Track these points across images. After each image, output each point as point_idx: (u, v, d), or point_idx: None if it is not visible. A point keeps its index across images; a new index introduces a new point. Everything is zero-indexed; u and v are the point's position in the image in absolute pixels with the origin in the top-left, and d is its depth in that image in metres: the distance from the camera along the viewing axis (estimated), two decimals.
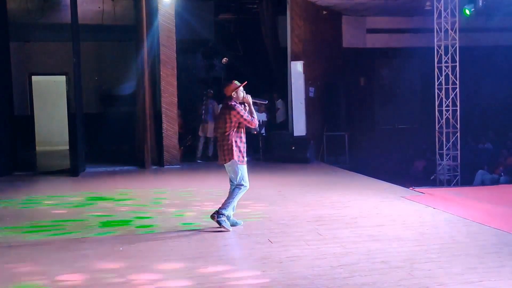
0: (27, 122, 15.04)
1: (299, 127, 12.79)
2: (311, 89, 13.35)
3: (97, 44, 14.90)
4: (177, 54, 12.02)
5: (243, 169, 5.98)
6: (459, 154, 11.49)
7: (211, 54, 15.02)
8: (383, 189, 8.52)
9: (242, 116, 5.90)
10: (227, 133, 5.92)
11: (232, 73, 14.90)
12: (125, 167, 11.78)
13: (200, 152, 13.00)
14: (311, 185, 9.11)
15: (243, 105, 6.03)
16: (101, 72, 14.99)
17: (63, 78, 15.49)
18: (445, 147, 11.44)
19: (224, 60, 14.73)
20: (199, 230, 6.04)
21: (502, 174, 11.71)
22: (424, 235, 5.67)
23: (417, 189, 8.53)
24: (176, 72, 11.95)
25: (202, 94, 13.33)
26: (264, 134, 12.83)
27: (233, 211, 6.11)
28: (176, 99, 12.00)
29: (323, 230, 5.93)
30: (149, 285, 4.33)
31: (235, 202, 6.01)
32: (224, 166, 6.06)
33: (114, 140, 13.69)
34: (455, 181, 11.39)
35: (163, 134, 11.85)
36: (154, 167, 11.84)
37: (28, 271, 4.74)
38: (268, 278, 4.42)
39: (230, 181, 6.12)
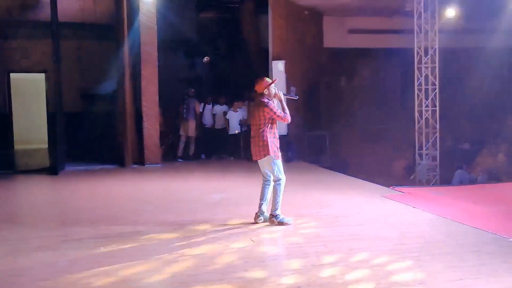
0: (6, 120, 14.78)
1: (281, 127, 12.78)
2: (293, 88, 13.38)
3: (77, 42, 14.71)
4: (158, 53, 11.95)
5: (279, 163, 6.11)
6: (438, 154, 11.66)
7: (192, 53, 14.95)
8: (364, 189, 8.60)
9: (275, 112, 6.00)
10: (261, 130, 6.03)
11: (214, 73, 14.90)
12: (106, 166, 11.68)
13: (181, 151, 12.96)
14: (293, 185, 9.04)
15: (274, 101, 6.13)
16: (81, 70, 14.79)
17: (42, 75, 15.26)
18: (425, 147, 11.59)
19: (206, 59, 14.68)
20: (184, 230, 6.02)
21: (480, 174, 11.92)
22: (405, 234, 5.73)
23: (398, 188, 8.63)
24: (157, 70, 11.88)
25: (183, 93, 13.28)
26: (244, 130, 12.85)
27: (266, 205, 6.21)
28: (157, 97, 11.93)
29: (305, 229, 5.96)
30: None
31: (281, 198, 6.12)
32: (258, 162, 6.17)
33: (94, 138, 13.51)
34: (434, 180, 11.55)
35: (144, 133, 11.77)
36: (135, 165, 11.77)
37: None
38: (250, 277, 4.43)
39: (263, 176, 6.24)
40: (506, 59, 14.51)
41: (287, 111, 6.14)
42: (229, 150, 13.25)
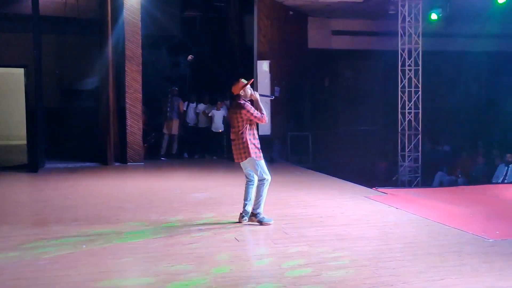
0: None
1: (264, 127, 12.79)
2: (277, 88, 13.40)
3: (59, 37, 14.48)
4: (142, 50, 11.84)
5: (262, 163, 6.09)
6: (420, 156, 11.78)
7: (176, 50, 14.86)
8: (347, 189, 8.64)
9: (252, 113, 5.98)
10: (241, 132, 6.01)
11: (198, 71, 14.82)
12: (87, 164, 11.55)
13: (164, 150, 12.88)
14: (277, 185, 9.04)
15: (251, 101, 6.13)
16: (62, 66, 14.56)
17: (21, 70, 14.99)
18: (407, 148, 11.70)
19: (190, 57, 14.60)
20: (167, 229, 5.97)
21: (460, 175, 12.08)
22: (388, 235, 5.78)
23: (380, 189, 8.69)
24: (141, 68, 11.78)
25: (166, 91, 13.19)
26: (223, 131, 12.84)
27: (251, 205, 6.18)
28: (141, 95, 11.83)
29: (290, 229, 5.96)
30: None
31: (264, 198, 6.10)
32: (240, 164, 6.16)
33: (75, 135, 13.33)
34: (415, 182, 11.66)
35: (127, 131, 11.66)
36: (117, 164, 11.65)
37: None
38: (235, 277, 4.41)
39: (246, 177, 6.24)
40: (487, 63, 14.73)
41: (263, 111, 6.11)
42: (212, 149, 13.20)
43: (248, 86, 6.12)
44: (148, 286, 4.23)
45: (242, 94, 6.07)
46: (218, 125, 12.99)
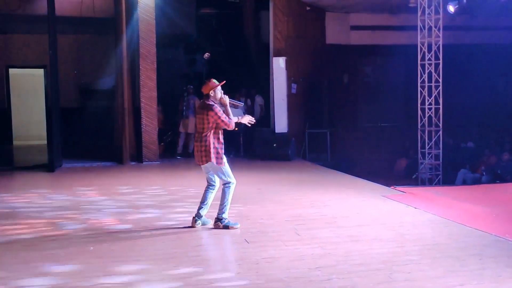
0: (4, 116, 14.66)
1: (281, 124, 12.63)
2: (294, 85, 13.21)
3: (75, 37, 14.56)
4: (158, 48, 11.76)
5: (224, 168, 5.82)
6: (441, 153, 11.43)
7: (192, 48, 14.77)
8: (364, 188, 8.41)
9: (219, 117, 5.73)
10: (204, 134, 5.76)
11: (214, 69, 14.70)
12: (103, 163, 11.53)
13: (181, 148, 12.79)
14: (291, 183, 8.97)
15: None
16: (79, 65, 14.64)
17: (41, 71, 15.11)
18: (427, 145, 11.37)
19: (206, 55, 14.47)
20: (176, 229, 5.85)
21: (484, 173, 11.69)
22: (405, 236, 5.54)
23: (399, 188, 8.43)
24: (156, 66, 11.71)
25: (183, 89, 13.10)
26: (244, 126, 12.65)
27: (206, 210, 5.95)
28: (156, 94, 11.76)
29: (302, 230, 5.77)
30: None
31: (229, 202, 5.85)
32: (201, 167, 5.91)
33: (92, 135, 13.39)
34: (436, 180, 11.33)
35: (142, 130, 11.60)
36: (133, 163, 11.60)
37: None
38: (243, 280, 4.26)
39: (207, 181, 5.98)
40: (511, 56, 14.25)
41: (231, 116, 5.84)
42: (228, 147, 13.05)
43: (219, 88, 5.86)
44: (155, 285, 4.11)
45: (212, 94, 5.80)
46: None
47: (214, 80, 5.90)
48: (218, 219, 5.85)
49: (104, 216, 6.58)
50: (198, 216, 5.91)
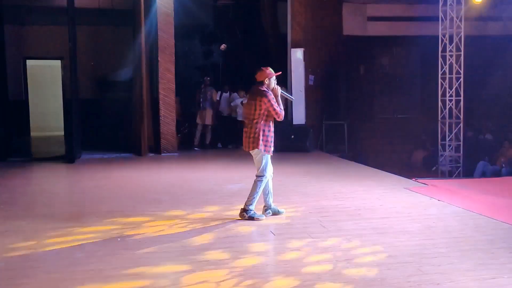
0: (22, 107, 14.77)
1: (299, 116, 12.60)
2: (311, 77, 13.15)
3: (94, 28, 14.59)
4: (175, 40, 11.76)
5: (267, 159, 5.82)
6: (461, 145, 11.34)
7: (209, 40, 14.73)
8: (385, 180, 8.37)
9: (272, 105, 5.65)
10: (255, 121, 5.71)
11: (231, 60, 14.67)
12: (122, 154, 11.59)
13: (198, 140, 12.82)
14: (312, 175, 8.95)
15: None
16: (98, 57, 14.68)
17: (58, 62, 15.19)
18: (448, 137, 11.29)
19: (223, 46, 14.44)
20: (201, 220, 5.87)
21: (504, 165, 11.59)
22: (431, 229, 5.51)
23: (420, 180, 8.38)
24: (174, 58, 11.71)
25: (200, 81, 13.10)
26: None
27: (271, 197, 6.00)
28: (174, 85, 11.77)
29: (327, 222, 5.76)
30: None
31: (258, 195, 5.86)
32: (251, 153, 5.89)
33: (110, 126, 13.44)
34: (457, 172, 11.25)
35: (161, 121, 11.63)
36: (151, 154, 11.65)
37: None
38: (270, 272, 4.26)
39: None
40: None
41: (281, 106, 5.79)
42: None
43: (274, 77, 5.81)
44: (181, 274, 4.15)
45: (267, 82, 5.76)
46: None
47: (271, 69, 5.82)
48: (244, 210, 5.86)
49: None
50: (268, 206, 5.95)
